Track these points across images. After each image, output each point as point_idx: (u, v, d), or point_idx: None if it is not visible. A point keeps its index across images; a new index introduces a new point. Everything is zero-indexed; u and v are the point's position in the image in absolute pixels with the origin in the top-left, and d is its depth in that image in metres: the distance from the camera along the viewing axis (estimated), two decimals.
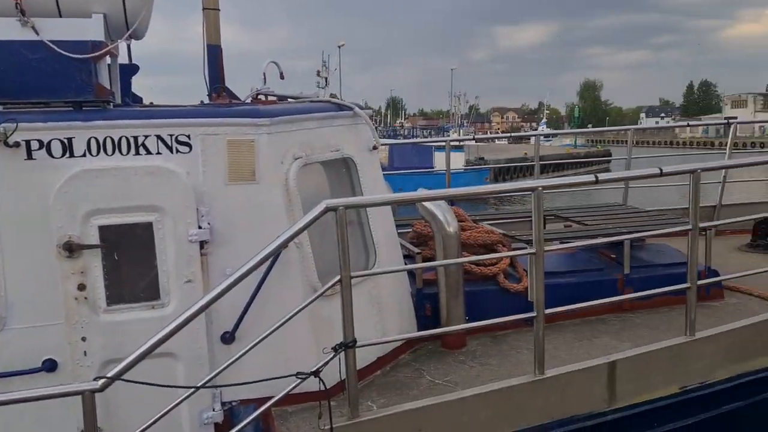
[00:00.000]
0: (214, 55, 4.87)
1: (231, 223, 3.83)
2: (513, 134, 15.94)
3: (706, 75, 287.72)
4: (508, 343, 4.89)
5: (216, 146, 3.79)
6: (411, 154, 31.20)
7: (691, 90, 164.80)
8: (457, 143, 36.80)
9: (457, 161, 33.42)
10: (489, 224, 6.11)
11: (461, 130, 63.81)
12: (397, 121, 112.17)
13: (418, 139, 43.70)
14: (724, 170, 8.18)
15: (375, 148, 4.75)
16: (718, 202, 8.14)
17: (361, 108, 4.64)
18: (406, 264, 5.04)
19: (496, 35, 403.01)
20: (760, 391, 4.41)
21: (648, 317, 5.28)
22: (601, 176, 3.77)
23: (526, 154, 45.49)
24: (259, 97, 4.64)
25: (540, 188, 3.54)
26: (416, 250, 5.28)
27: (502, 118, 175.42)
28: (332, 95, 4.85)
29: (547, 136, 73.80)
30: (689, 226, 4.04)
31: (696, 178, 3.98)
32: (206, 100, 4.69)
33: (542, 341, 3.72)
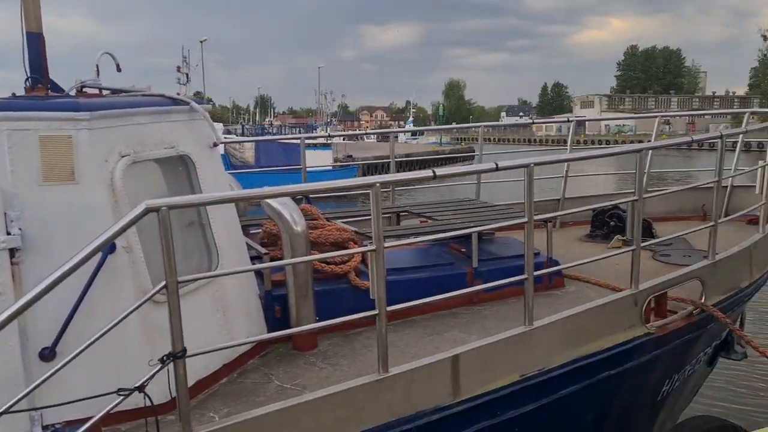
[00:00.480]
0: (35, 44, 4.44)
1: (48, 228, 3.47)
2: (369, 131, 16.07)
3: (558, 77, 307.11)
4: (360, 341, 4.84)
5: (26, 142, 3.41)
6: (278, 153, 30.73)
7: (545, 91, 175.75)
8: (325, 140, 36.83)
9: (325, 159, 33.39)
10: (343, 222, 6.06)
11: (328, 128, 63.86)
12: (266, 119, 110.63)
13: (269, 137, 43.00)
14: (566, 165, 8.69)
15: (215, 145, 4.54)
16: (562, 195, 8.63)
17: (199, 103, 4.40)
18: (254, 265, 4.87)
19: (364, 35, 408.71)
20: (594, 373, 4.65)
21: (497, 308, 5.43)
22: (439, 171, 3.79)
23: None
24: (84, 90, 4.27)
25: (377, 184, 3.50)
26: (263, 250, 5.11)
27: (371, 116, 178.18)
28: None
29: (413, 133, 76.02)
30: (525, 219, 4.18)
31: (529, 173, 4.11)
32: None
33: (385, 339, 3.68)
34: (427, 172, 3.76)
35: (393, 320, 5.14)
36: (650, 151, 8.62)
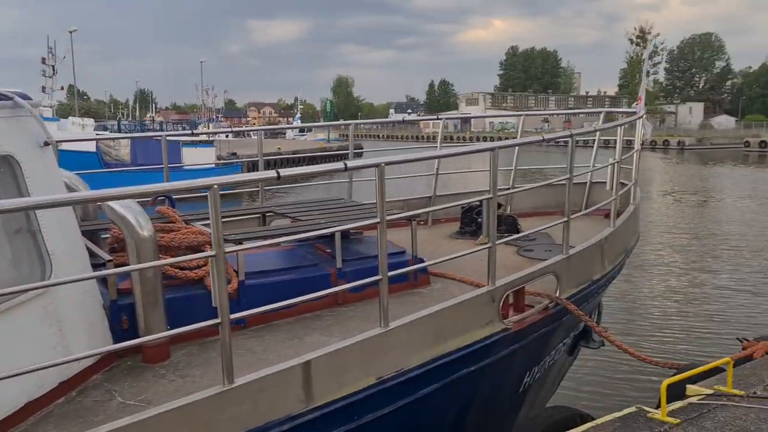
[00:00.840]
0: None
1: None
2: (237, 129, 15.71)
3: (445, 75, 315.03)
4: (216, 350, 4.58)
5: None
6: (156, 151, 29.43)
7: (432, 88, 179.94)
8: (207, 138, 35.74)
9: (208, 157, 32.44)
10: (204, 224, 5.77)
11: (211, 125, 62.10)
12: (148, 115, 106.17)
13: (134, 134, 41.48)
14: (437, 162, 8.81)
15: (47, 144, 4.16)
16: (433, 193, 8.73)
17: (25, 98, 4.02)
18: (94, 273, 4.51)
19: (250, 29, 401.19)
20: (453, 372, 4.66)
21: (362, 309, 5.33)
22: (283, 172, 3.64)
23: (279, 148, 45.79)
24: None
25: (215, 186, 3.31)
26: (108, 257, 4.76)
27: (260, 112, 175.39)
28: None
29: (301, 130, 75.48)
30: (377, 219, 4.12)
31: (380, 172, 4.05)
32: None
33: (229, 348, 3.50)
34: (271, 173, 3.62)
35: (253, 325, 4.96)
36: (516, 148, 8.92)
